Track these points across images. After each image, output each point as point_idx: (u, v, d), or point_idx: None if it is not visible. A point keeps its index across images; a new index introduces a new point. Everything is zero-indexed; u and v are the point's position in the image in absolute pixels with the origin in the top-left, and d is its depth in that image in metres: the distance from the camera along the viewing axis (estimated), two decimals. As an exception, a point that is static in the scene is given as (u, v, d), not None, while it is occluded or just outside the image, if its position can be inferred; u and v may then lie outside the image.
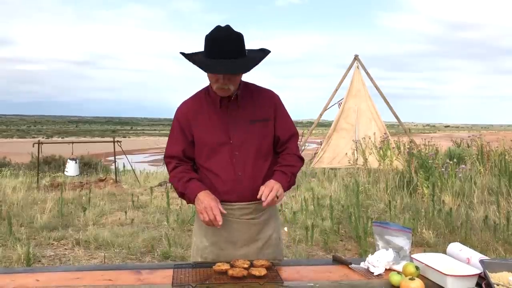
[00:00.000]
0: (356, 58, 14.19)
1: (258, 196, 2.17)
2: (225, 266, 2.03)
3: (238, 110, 2.27)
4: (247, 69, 2.16)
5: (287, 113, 2.42)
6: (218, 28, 2.16)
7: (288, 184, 2.30)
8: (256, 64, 2.18)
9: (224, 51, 2.11)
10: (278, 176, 2.26)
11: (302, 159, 2.41)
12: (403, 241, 2.15)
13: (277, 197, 2.19)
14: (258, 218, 2.32)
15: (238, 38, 2.15)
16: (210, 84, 2.27)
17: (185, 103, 2.36)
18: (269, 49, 2.24)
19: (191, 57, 2.19)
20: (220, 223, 2.14)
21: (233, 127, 2.24)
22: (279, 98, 2.40)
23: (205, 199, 2.17)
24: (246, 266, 2.05)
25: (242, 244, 2.30)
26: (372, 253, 2.15)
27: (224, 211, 2.18)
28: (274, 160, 2.37)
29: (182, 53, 2.21)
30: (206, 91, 2.33)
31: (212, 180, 2.29)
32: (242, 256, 2.22)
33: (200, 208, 2.17)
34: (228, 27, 2.16)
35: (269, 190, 2.16)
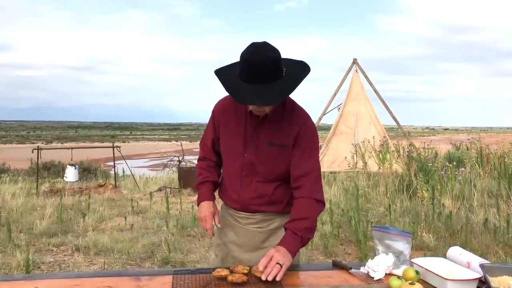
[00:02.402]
0: (354, 62, 14.21)
1: (261, 269, 1.95)
2: (224, 272, 2.02)
3: (263, 127, 2.17)
4: (284, 96, 2.04)
5: (310, 146, 2.20)
6: (253, 49, 2.00)
7: (301, 244, 2.09)
8: (295, 88, 2.02)
9: (260, 76, 1.97)
10: (287, 237, 2.07)
11: (319, 202, 2.15)
12: (403, 246, 2.14)
13: (281, 265, 1.95)
14: (265, 228, 2.30)
15: (274, 60, 1.99)
16: None
17: (223, 101, 2.30)
18: (308, 65, 2.09)
19: (225, 78, 2.06)
20: (210, 235, 2.27)
21: (251, 143, 2.19)
22: (308, 127, 2.19)
23: (204, 210, 2.25)
24: (245, 271, 2.05)
25: (247, 249, 2.31)
26: (372, 258, 2.15)
27: (218, 225, 2.27)
28: (287, 186, 2.23)
29: (217, 73, 2.09)
30: None
31: (226, 185, 2.34)
32: (246, 261, 2.22)
33: (198, 217, 2.27)
34: (264, 47, 2.00)
35: (267, 260, 1.95)
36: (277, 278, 1.91)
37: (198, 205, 2.31)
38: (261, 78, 1.97)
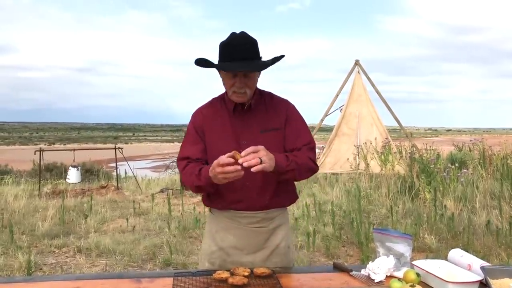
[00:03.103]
0: (356, 63, 14.21)
1: (242, 154, 1.97)
2: (225, 274, 2.02)
3: (250, 119, 2.25)
4: (265, 66, 2.19)
5: (302, 122, 2.35)
6: (233, 34, 2.19)
7: (286, 167, 2.12)
8: (273, 63, 2.20)
9: (240, 54, 2.14)
10: (279, 155, 2.12)
11: (314, 164, 2.26)
12: (403, 248, 2.14)
13: (261, 161, 1.97)
14: (266, 227, 2.30)
15: (252, 42, 2.19)
16: (225, 91, 2.28)
17: (200, 109, 2.37)
18: (283, 54, 2.24)
19: (206, 62, 2.20)
20: (237, 168, 1.97)
21: (244, 136, 2.22)
22: (293, 107, 2.36)
23: (213, 164, 2.03)
24: (246, 274, 2.05)
25: (249, 252, 2.28)
26: (373, 260, 2.15)
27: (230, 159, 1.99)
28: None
29: (197, 62, 2.20)
30: (221, 98, 2.34)
31: (220, 188, 2.23)
32: (249, 263, 2.20)
33: (215, 173, 2.01)
34: (243, 33, 2.20)
35: (253, 150, 1.98)
36: (252, 170, 1.95)
37: (210, 180, 2.07)
38: (242, 55, 2.13)
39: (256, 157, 1.97)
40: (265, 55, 2.26)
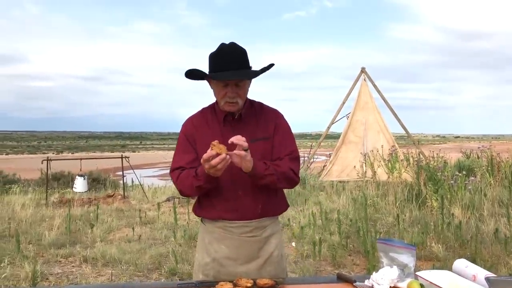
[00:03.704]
0: (362, 70, 14.20)
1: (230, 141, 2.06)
2: (228, 285, 2.01)
3: (240, 128, 2.25)
4: (255, 74, 2.24)
5: (288, 132, 2.38)
6: (222, 44, 2.23)
7: (263, 173, 2.17)
8: (263, 72, 2.25)
9: (230, 63, 2.18)
10: (255, 160, 2.15)
11: (295, 174, 2.28)
12: (407, 258, 2.12)
13: (242, 157, 2.07)
14: (259, 236, 2.31)
15: (242, 52, 2.23)
16: (216, 101, 2.32)
17: (190, 118, 2.39)
18: (273, 62, 2.28)
19: (197, 73, 2.25)
20: (222, 157, 2.04)
21: (234, 145, 2.19)
22: (282, 117, 2.40)
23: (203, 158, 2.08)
24: (249, 285, 2.04)
25: (242, 262, 2.28)
26: (377, 270, 2.13)
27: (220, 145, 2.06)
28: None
29: (187, 74, 2.25)
30: (212, 108, 2.36)
31: (212, 198, 2.28)
32: (243, 273, 2.20)
33: (206, 170, 2.08)
34: (232, 43, 2.24)
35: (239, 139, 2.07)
36: (235, 152, 2.06)
37: (207, 176, 2.12)
38: (233, 64, 2.18)
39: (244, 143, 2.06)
40: (270, 63, 2.30)
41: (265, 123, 2.33)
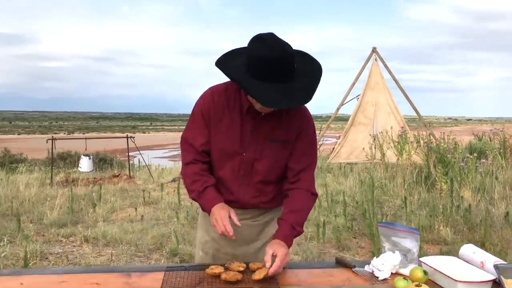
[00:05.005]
0: (374, 50, 13.91)
1: (267, 265, 1.89)
2: (218, 269, 1.93)
3: (261, 124, 2.06)
4: (310, 96, 1.91)
5: (313, 141, 2.17)
6: (267, 44, 1.86)
7: (293, 239, 2.09)
8: (317, 86, 1.94)
9: (278, 75, 1.86)
10: (285, 229, 2.03)
11: (314, 195, 2.17)
12: (410, 243, 1.99)
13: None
14: (260, 220, 2.24)
15: (293, 56, 1.89)
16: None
17: (211, 94, 2.11)
18: (319, 63, 2.00)
19: (234, 73, 1.91)
20: (231, 233, 1.95)
21: (250, 140, 2.06)
22: (309, 124, 2.15)
23: (218, 212, 2.00)
24: (241, 269, 1.95)
25: (241, 244, 2.20)
26: (378, 255, 2.00)
27: (237, 223, 1.98)
28: (283, 181, 2.17)
29: (219, 66, 1.94)
30: (238, 89, 2.06)
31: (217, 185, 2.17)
32: (241, 255, 2.14)
33: (213, 221, 2.01)
34: (278, 42, 1.88)
35: (280, 261, 1.90)
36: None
37: (207, 212, 2.08)
38: (279, 77, 1.86)
39: (280, 267, 1.91)
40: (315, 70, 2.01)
41: (288, 126, 2.09)
